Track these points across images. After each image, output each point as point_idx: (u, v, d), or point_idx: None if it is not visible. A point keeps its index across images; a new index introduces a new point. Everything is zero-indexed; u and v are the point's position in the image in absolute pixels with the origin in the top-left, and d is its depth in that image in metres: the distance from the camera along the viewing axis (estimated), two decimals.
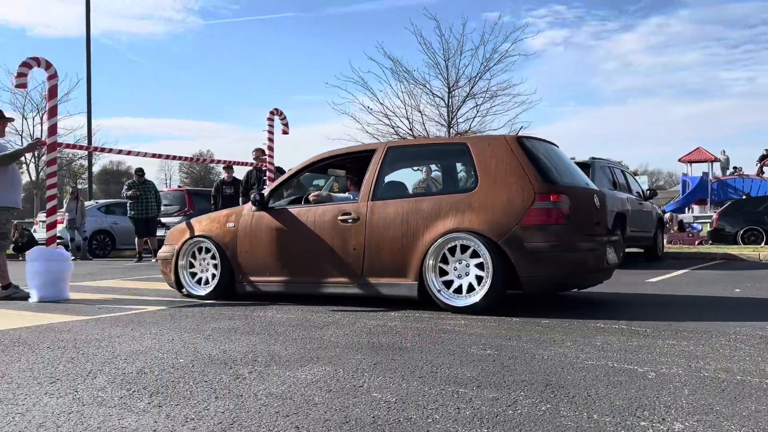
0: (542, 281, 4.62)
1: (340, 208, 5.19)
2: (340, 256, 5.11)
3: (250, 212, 5.62)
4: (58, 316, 4.75)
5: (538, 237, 4.48)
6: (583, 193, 5.03)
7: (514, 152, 4.73)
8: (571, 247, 4.60)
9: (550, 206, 4.51)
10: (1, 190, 5.93)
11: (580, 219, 4.80)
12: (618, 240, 5.44)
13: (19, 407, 2.32)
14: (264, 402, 2.36)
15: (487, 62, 17.80)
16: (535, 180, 4.59)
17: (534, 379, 2.66)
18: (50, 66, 6.10)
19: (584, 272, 4.84)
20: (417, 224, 4.79)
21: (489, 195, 4.64)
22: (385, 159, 5.24)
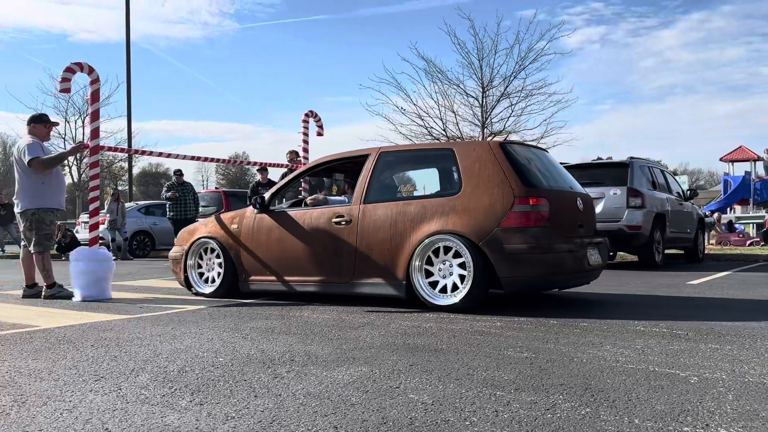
0: (521, 281, 4.76)
1: (334, 210, 5.40)
2: (333, 257, 5.31)
3: (253, 214, 5.85)
4: (101, 315, 4.87)
5: (517, 239, 4.63)
6: (565, 196, 5.16)
7: (497, 157, 4.90)
8: (549, 249, 4.71)
9: (528, 209, 4.68)
10: (45, 191, 6.12)
11: (561, 221, 4.93)
12: (603, 242, 5.54)
13: (66, 403, 2.39)
14: (302, 402, 2.38)
15: (522, 61, 17.62)
16: (515, 184, 4.75)
17: (572, 382, 2.63)
18: (92, 71, 6.27)
19: (563, 273, 4.92)
20: (404, 227, 4.97)
21: (472, 198, 4.82)
22: (377, 163, 5.42)
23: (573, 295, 5.98)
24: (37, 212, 6.09)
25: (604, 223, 9.62)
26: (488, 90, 17.90)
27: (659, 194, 10.39)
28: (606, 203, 9.66)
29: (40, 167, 6.01)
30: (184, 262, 6.16)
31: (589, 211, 5.45)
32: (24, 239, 6.25)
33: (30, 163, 5.98)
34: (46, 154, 6.15)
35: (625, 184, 9.69)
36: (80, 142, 6.61)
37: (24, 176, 6.08)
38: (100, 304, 5.64)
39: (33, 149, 6.03)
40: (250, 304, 5.49)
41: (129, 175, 18.21)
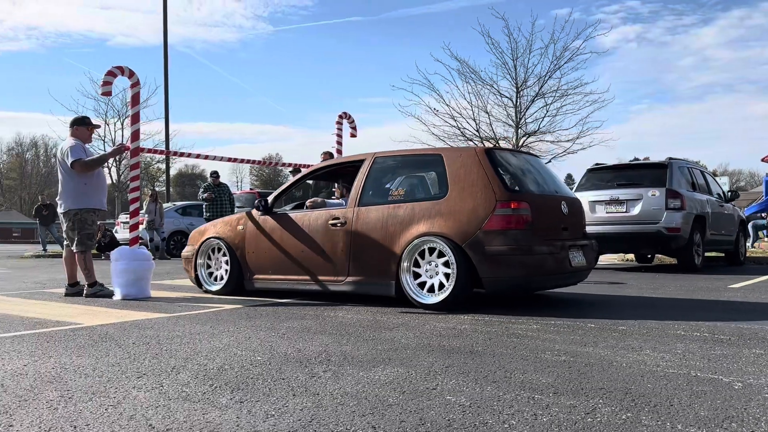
0: (502, 282, 4.93)
1: (331, 213, 5.67)
2: (330, 257, 5.57)
3: (258, 216, 6.14)
4: (141, 314, 4.98)
5: (498, 241, 4.82)
6: (548, 200, 5.34)
7: (482, 163, 5.08)
8: (529, 251, 4.87)
9: (510, 213, 4.86)
10: (88, 192, 6.28)
11: (543, 224, 5.09)
12: (589, 245, 5.68)
13: (111, 399, 2.45)
14: (340, 401, 2.40)
15: (557, 60, 17.43)
16: (498, 189, 4.94)
17: (612, 386, 2.60)
18: (133, 74, 6.41)
19: (544, 274, 5.06)
20: (394, 229, 5.21)
21: (457, 202, 5.02)
22: (371, 168, 5.69)
23: (609, 298, 5.89)
24: (79, 212, 6.25)
25: (641, 225, 9.47)
26: (522, 90, 17.76)
27: (699, 196, 10.17)
28: (644, 205, 9.49)
29: (83, 169, 6.18)
30: (194, 261, 6.49)
31: (575, 215, 5.60)
32: (67, 239, 6.42)
33: (73, 165, 6.14)
34: (89, 156, 6.31)
35: (664, 185, 9.51)
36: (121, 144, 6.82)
37: (67, 177, 6.25)
38: (140, 302, 5.77)
39: (76, 151, 6.19)
40: (286, 303, 5.55)
41: (166, 176, 18.56)
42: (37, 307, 5.45)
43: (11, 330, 4.19)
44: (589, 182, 10.34)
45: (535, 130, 17.59)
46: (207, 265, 6.47)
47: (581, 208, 5.87)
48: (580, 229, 5.74)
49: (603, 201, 9.85)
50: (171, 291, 6.77)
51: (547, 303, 5.53)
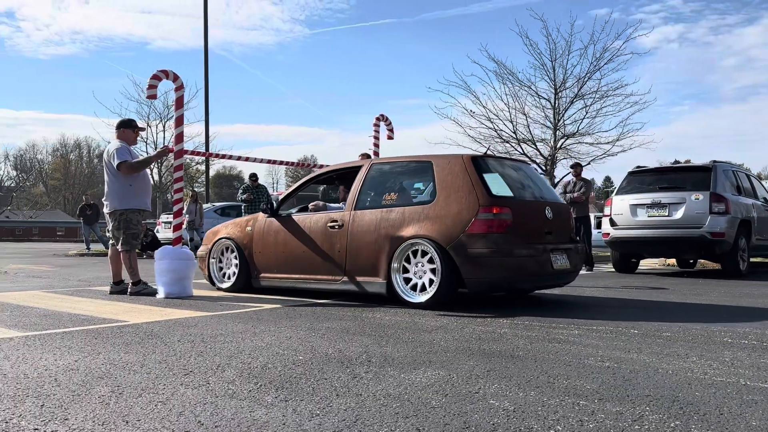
0: (483, 282, 5.18)
1: (330, 216, 5.97)
2: (328, 257, 5.87)
3: (264, 218, 6.49)
4: (185, 312, 5.08)
5: (480, 244, 5.06)
6: (531, 205, 5.58)
7: (467, 170, 5.34)
8: (509, 254, 5.10)
9: (491, 217, 5.11)
10: (132, 193, 6.44)
11: (524, 228, 5.31)
12: (573, 248, 5.85)
13: (160, 396, 2.51)
14: (383, 402, 2.41)
15: (597, 62, 17.16)
16: (481, 194, 5.19)
17: (659, 394, 2.55)
18: (177, 78, 6.55)
19: (523, 275, 5.29)
20: (386, 231, 5.48)
21: (443, 207, 5.28)
22: (368, 174, 5.98)
23: (651, 304, 5.78)
24: (124, 213, 6.41)
25: (684, 229, 9.27)
26: (561, 91, 17.54)
27: (744, 200, 9.91)
28: (687, 209, 9.29)
29: (128, 170, 6.34)
30: (207, 260, 6.88)
31: (560, 220, 5.79)
32: (112, 238, 6.59)
33: (119, 167, 6.30)
34: (134, 158, 6.47)
35: (708, 188, 9.29)
36: (165, 146, 7.01)
37: (113, 178, 6.41)
38: (183, 300, 5.89)
39: (121, 153, 6.36)
40: (324, 304, 5.60)
41: (206, 177, 18.89)
42: (84, 304, 5.61)
43: (61, 326, 4.33)
44: (630, 185, 10.17)
45: (574, 132, 17.34)
46: (219, 264, 6.81)
47: (568, 214, 6.08)
48: (566, 233, 5.92)
49: (644, 204, 9.67)
50: (212, 290, 6.89)
51: (587, 308, 5.46)
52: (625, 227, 9.87)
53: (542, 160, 17.55)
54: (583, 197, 10.70)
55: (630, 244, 9.97)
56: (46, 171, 74.49)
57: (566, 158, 17.53)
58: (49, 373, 2.88)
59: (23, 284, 7.78)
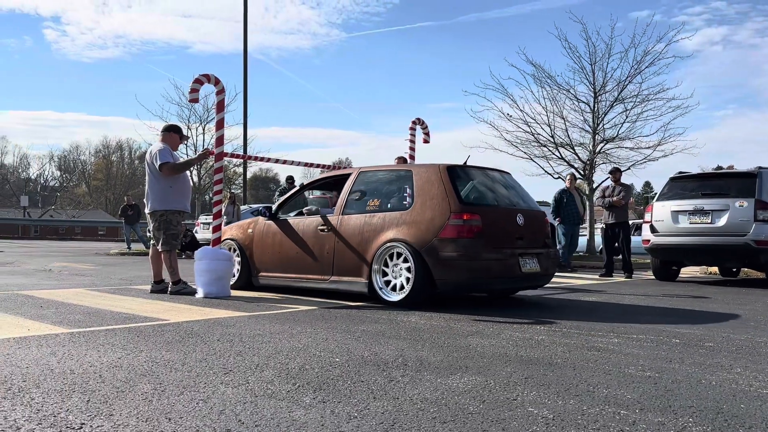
0: (451, 283, 5.56)
1: (320, 220, 6.38)
2: (318, 259, 6.28)
3: (264, 221, 6.89)
4: (223, 312, 5.16)
5: (450, 248, 5.44)
6: (502, 212, 5.93)
7: (442, 179, 5.71)
8: (476, 257, 5.46)
9: (461, 223, 5.45)
10: (173, 195, 6.57)
11: (494, 234, 5.65)
12: (545, 253, 6.16)
13: (201, 394, 2.56)
14: (420, 407, 2.41)
15: (638, 65, 16.84)
16: (453, 202, 5.55)
17: (703, 405, 2.50)
18: (219, 82, 6.67)
19: (490, 277, 5.64)
20: (369, 235, 5.87)
21: (419, 213, 5.67)
22: (356, 181, 6.40)
23: (693, 313, 5.65)
24: (165, 213, 6.54)
25: (727, 237, 9.03)
26: (601, 95, 17.25)
27: None
28: (731, 216, 9.05)
29: (170, 172, 6.47)
30: None
31: (532, 226, 6.08)
32: (153, 238, 6.74)
33: (161, 168, 6.44)
34: (176, 161, 6.60)
35: (753, 195, 9.03)
36: (206, 149, 7.17)
37: (154, 180, 6.55)
38: (221, 300, 5.98)
39: (164, 154, 6.50)
40: (358, 307, 5.62)
41: (243, 179, 19.16)
42: (125, 303, 5.74)
43: (104, 324, 4.44)
44: (671, 191, 9.95)
45: (614, 136, 17.04)
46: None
47: (542, 221, 6.36)
48: (538, 238, 6.19)
49: (686, 211, 9.45)
50: (249, 290, 6.98)
51: (627, 315, 5.36)
52: (666, 234, 9.66)
53: (580, 164, 17.30)
54: (622, 201, 10.51)
55: (671, 251, 9.75)
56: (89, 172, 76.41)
57: (605, 163, 17.24)
58: (94, 370, 2.96)
59: (67, 282, 8.00)
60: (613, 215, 10.59)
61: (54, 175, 76.74)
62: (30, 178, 73.80)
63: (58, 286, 7.40)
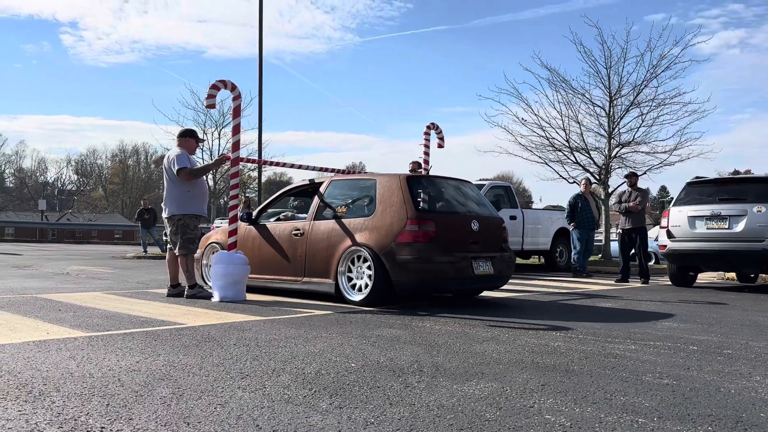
0: (407, 284, 5.94)
1: (294, 225, 6.82)
2: (292, 261, 6.70)
3: (245, 226, 7.28)
4: (239, 316, 5.19)
5: (406, 251, 5.85)
6: (456, 219, 6.37)
7: (402, 188, 6.14)
8: (429, 260, 5.85)
9: (416, 229, 5.90)
10: (190, 199, 6.63)
11: (448, 238, 6.06)
12: (499, 257, 6.53)
13: (218, 398, 2.58)
14: (436, 413, 2.42)
15: (654, 69, 16.73)
16: (410, 209, 5.98)
17: (722, 413, 2.47)
18: (235, 88, 6.72)
19: (443, 279, 6.02)
20: (336, 239, 6.30)
21: (380, 219, 6.10)
22: (327, 189, 6.83)
23: (710, 319, 5.59)
24: (182, 218, 6.60)
25: (745, 242, 8.93)
26: (616, 99, 17.15)
27: None
28: (749, 221, 8.95)
29: (188, 177, 6.53)
30: (201, 262, 7.74)
31: (487, 231, 6.50)
32: (170, 242, 6.79)
33: (179, 173, 6.50)
34: (193, 165, 6.66)
35: None
36: (223, 154, 7.24)
37: (171, 184, 6.61)
38: (237, 305, 6.01)
39: (182, 159, 6.56)
40: (373, 312, 5.63)
41: (258, 183, 19.23)
42: (142, 306, 5.80)
43: (121, 327, 4.48)
44: (688, 196, 9.86)
45: (629, 140, 16.93)
46: (208, 266, 7.59)
47: (497, 226, 6.75)
48: (494, 242, 6.59)
49: (703, 216, 9.37)
50: (263, 294, 7.01)
51: (643, 322, 5.32)
52: (683, 239, 9.57)
53: (596, 169, 17.20)
54: (638, 206, 10.44)
55: (688, 257, 9.66)
56: (106, 176, 77.15)
57: (621, 167, 17.13)
58: (112, 373, 2.99)
59: (84, 285, 8.09)
60: (630, 220, 10.51)
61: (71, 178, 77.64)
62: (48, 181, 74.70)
63: (76, 289, 7.48)
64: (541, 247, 14.09)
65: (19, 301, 6.05)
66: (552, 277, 11.60)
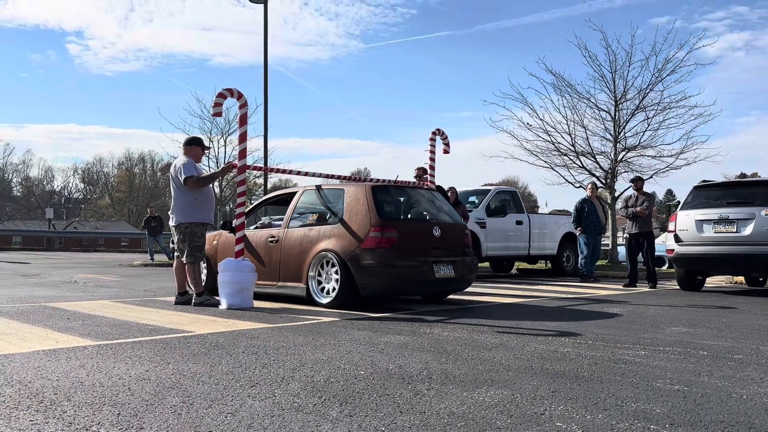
0: (371, 287, 6.30)
1: (270, 232, 7.28)
2: (268, 266, 7.11)
3: (226, 234, 7.64)
4: (247, 323, 5.20)
5: (369, 257, 6.23)
6: (419, 226, 6.84)
7: (367, 197, 6.52)
8: (391, 265, 6.25)
9: (379, 235, 6.27)
10: (197, 207, 6.65)
11: (409, 244, 6.46)
12: (460, 261, 6.91)
13: (228, 407, 2.58)
14: (447, 421, 2.41)
15: (659, 73, 16.69)
16: (374, 217, 6.36)
17: (734, 419, 2.46)
18: (241, 96, 6.74)
19: (405, 282, 6.43)
20: (307, 246, 6.71)
21: (347, 226, 6.48)
22: (300, 198, 7.28)
23: (719, 324, 5.56)
24: (189, 226, 6.62)
25: (753, 246, 8.89)
26: (621, 103, 17.11)
27: None
28: (757, 225, 8.90)
29: (195, 185, 6.55)
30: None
31: (449, 237, 6.89)
32: (177, 250, 6.81)
33: (186, 181, 6.52)
34: (199, 174, 6.68)
35: None
36: (229, 162, 7.29)
37: (178, 193, 6.64)
38: (244, 312, 6.02)
39: (188, 168, 6.58)
40: (380, 318, 5.63)
41: (264, 190, 19.27)
42: (150, 314, 5.81)
43: (130, 336, 4.49)
44: (695, 200, 9.82)
45: (635, 144, 16.87)
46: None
47: (460, 232, 7.16)
48: (456, 248, 6.98)
49: (711, 220, 9.33)
50: (270, 301, 7.02)
51: (653, 327, 5.29)
52: (691, 243, 9.53)
53: (602, 173, 17.16)
54: (646, 211, 10.41)
55: (696, 261, 9.62)
56: (112, 184, 77.41)
57: (627, 171, 17.07)
58: (122, 382, 3.00)
59: (92, 293, 8.12)
60: (637, 225, 10.48)
61: (78, 187, 77.90)
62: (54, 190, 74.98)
63: (84, 297, 7.50)
64: (547, 252, 14.05)
65: (28, 310, 6.07)
66: (559, 282, 11.56)
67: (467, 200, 13.19)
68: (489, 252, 12.85)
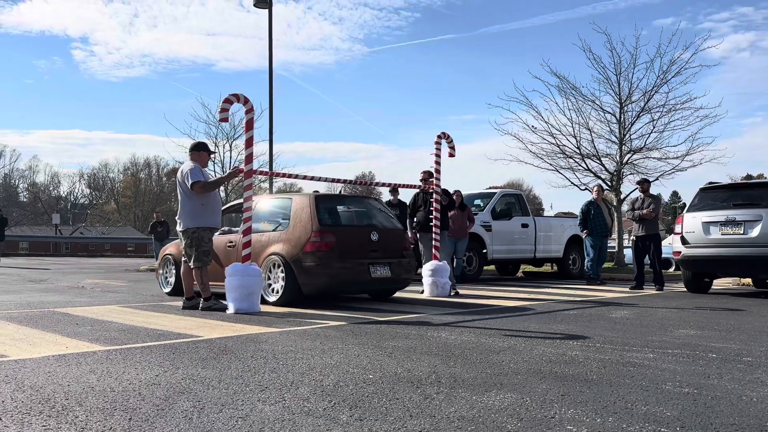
0: (311, 286, 7.01)
1: (228, 238, 7.98)
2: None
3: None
4: (254, 328, 5.21)
5: (309, 259, 6.96)
6: (356, 231, 7.60)
7: (311, 206, 7.24)
8: (329, 266, 6.97)
9: (318, 240, 7.00)
10: (204, 212, 6.68)
11: (347, 248, 7.16)
12: (397, 262, 7.64)
13: (239, 411, 2.59)
14: (457, 425, 2.41)
15: (664, 74, 16.67)
16: (314, 223, 7.09)
17: (745, 422, 2.46)
18: (248, 101, 6.77)
19: (342, 282, 7.16)
20: (259, 250, 7.30)
21: (292, 232, 7.21)
22: (257, 206, 7.62)
23: (728, 326, 5.54)
24: (197, 231, 6.65)
25: (761, 248, 8.86)
26: (627, 105, 17.10)
27: None
28: (764, 226, 8.87)
29: (202, 190, 6.58)
30: (158, 271, 8.96)
31: (386, 240, 7.58)
32: (185, 255, 6.84)
33: (193, 186, 6.55)
34: (206, 179, 6.71)
35: None
36: (236, 167, 7.35)
37: (185, 198, 6.67)
38: (251, 316, 6.04)
39: (195, 173, 6.61)
40: (388, 322, 5.63)
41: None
42: (158, 319, 5.83)
43: (139, 341, 4.51)
44: (702, 202, 9.80)
45: (641, 146, 16.85)
46: (164, 274, 8.85)
47: (398, 236, 7.89)
48: (393, 250, 7.67)
49: (717, 222, 9.30)
50: (276, 305, 7.03)
51: (660, 329, 5.28)
52: (698, 245, 9.51)
53: (607, 175, 17.13)
54: (652, 214, 10.39)
55: (703, 263, 9.59)
56: (118, 189, 77.64)
57: (632, 174, 17.04)
58: (133, 387, 3.02)
59: (100, 299, 8.15)
60: (643, 227, 10.46)
61: (84, 192, 78.19)
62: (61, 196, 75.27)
63: (92, 303, 7.53)
64: (553, 254, 14.04)
65: (37, 315, 6.10)
66: (565, 284, 11.55)
67: (472, 203, 13.18)
68: (494, 255, 12.85)
